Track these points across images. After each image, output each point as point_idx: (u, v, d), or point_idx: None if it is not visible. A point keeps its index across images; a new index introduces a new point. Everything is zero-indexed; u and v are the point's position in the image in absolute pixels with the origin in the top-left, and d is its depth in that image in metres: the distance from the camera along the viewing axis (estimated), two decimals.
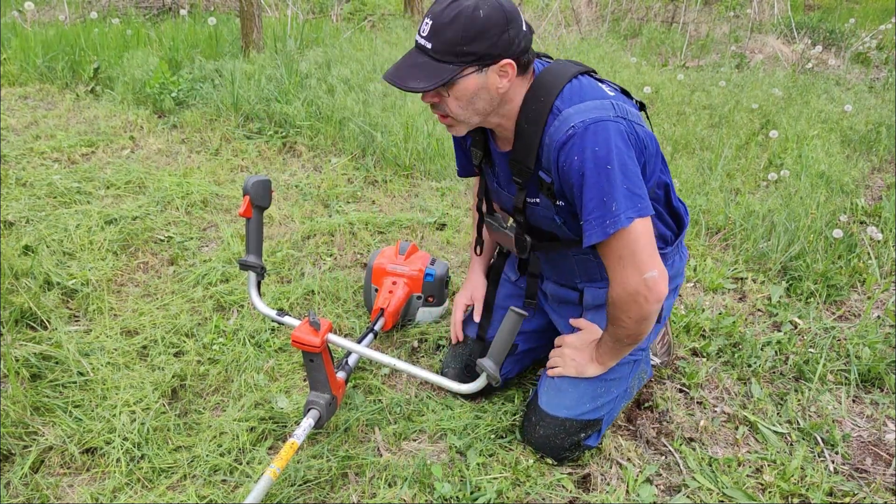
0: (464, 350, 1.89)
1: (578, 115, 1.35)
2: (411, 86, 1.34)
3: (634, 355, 1.69)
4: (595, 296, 1.70)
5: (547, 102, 1.40)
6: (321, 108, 3.80)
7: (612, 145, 1.33)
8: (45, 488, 1.51)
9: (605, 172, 1.33)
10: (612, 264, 1.42)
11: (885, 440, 1.81)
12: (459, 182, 3.27)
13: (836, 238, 2.64)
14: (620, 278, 1.42)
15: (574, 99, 1.39)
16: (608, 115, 1.36)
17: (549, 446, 1.63)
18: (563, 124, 1.36)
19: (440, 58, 1.33)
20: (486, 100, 1.40)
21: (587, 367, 1.63)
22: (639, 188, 1.37)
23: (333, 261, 2.57)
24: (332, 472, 1.59)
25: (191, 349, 1.99)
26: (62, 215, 2.71)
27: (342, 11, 6.92)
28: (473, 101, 1.40)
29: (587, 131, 1.34)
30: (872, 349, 2.10)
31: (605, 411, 1.65)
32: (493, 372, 1.39)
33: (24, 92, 4.36)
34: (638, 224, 1.36)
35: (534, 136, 1.42)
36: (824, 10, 8.65)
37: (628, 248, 1.38)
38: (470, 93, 1.38)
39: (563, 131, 1.36)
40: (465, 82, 1.36)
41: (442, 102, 1.41)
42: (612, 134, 1.34)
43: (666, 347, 2.00)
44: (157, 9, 6.68)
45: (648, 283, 1.39)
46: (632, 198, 1.35)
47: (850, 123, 4.12)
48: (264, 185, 1.64)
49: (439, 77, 1.33)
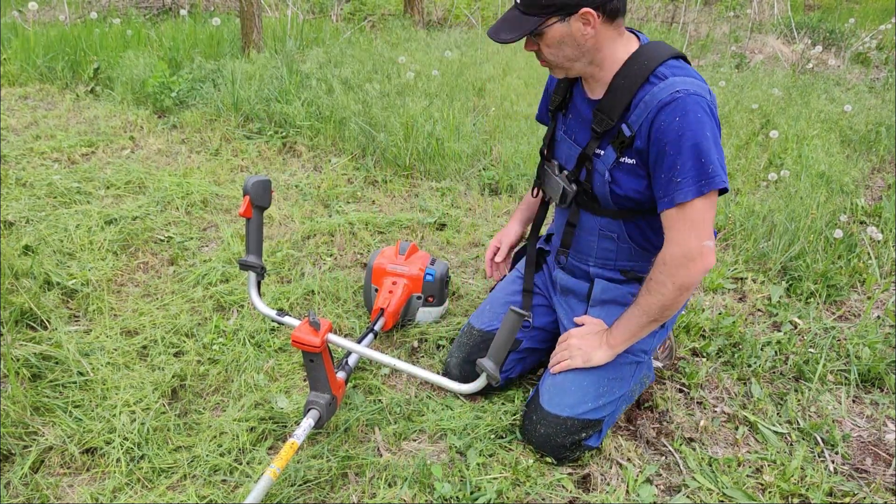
0: (468, 340, 1.89)
1: (684, 85, 1.47)
2: (501, 37, 1.52)
3: (637, 356, 1.69)
4: (604, 288, 1.72)
5: (650, 66, 1.51)
6: (321, 108, 3.80)
7: (710, 118, 1.47)
8: (45, 488, 1.51)
9: (705, 137, 1.44)
10: (680, 226, 1.50)
11: (885, 440, 1.81)
12: (459, 182, 3.27)
13: (836, 238, 2.64)
14: (682, 239, 1.49)
15: (679, 71, 1.51)
16: (706, 95, 1.48)
17: (550, 445, 1.63)
18: (668, 87, 1.47)
19: (526, 10, 1.50)
20: (573, 46, 1.52)
21: (595, 353, 1.65)
22: (723, 162, 1.48)
23: (333, 261, 2.57)
24: (332, 472, 1.59)
25: (191, 349, 1.99)
26: (62, 215, 2.71)
27: (342, 11, 6.92)
28: (561, 47, 1.53)
29: (690, 98, 1.45)
30: (872, 349, 2.10)
31: (606, 412, 1.65)
32: (493, 372, 1.39)
33: (24, 92, 4.36)
34: (715, 194, 1.48)
35: (628, 92, 1.52)
36: (824, 10, 8.64)
37: (705, 212, 1.48)
38: (557, 40, 1.52)
39: (667, 92, 1.46)
40: (550, 31, 1.51)
41: (538, 50, 1.57)
42: (708, 110, 1.47)
43: (668, 352, 2.00)
44: (157, 9, 6.68)
45: (704, 249, 1.49)
46: (723, 167, 1.47)
47: (850, 123, 4.12)
48: (264, 186, 1.64)
49: (524, 29, 1.50)
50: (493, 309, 1.92)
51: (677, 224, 1.50)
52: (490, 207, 3.05)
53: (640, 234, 1.66)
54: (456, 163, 3.36)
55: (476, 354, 1.84)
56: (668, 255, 1.52)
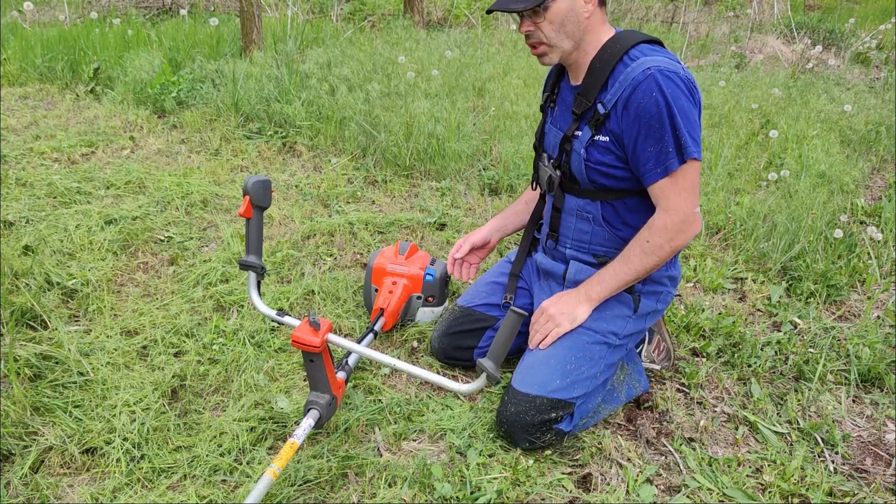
0: (450, 316, 1.98)
1: (654, 62, 1.53)
2: (513, 7, 1.54)
3: (605, 337, 1.70)
4: (578, 269, 1.78)
5: (623, 48, 1.58)
6: (321, 109, 3.80)
7: (683, 92, 1.53)
8: (45, 488, 1.51)
9: (677, 110, 1.51)
10: (672, 193, 1.57)
11: (885, 440, 1.81)
12: (459, 182, 3.27)
13: (837, 238, 2.64)
14: (677, 205, 1.57)
15: (651, 53, 1.57)
16: (679, 72, 1.54)
17: (520, 424, 1.63)
18: (640, 65, 1.53)
19: None
20: (575, 23, 1.58)
21: (577, 310, 1.70)
22: (698, 135, 1.56)
23: (333, 261, 2.57)
24: (332, 472, 1.59)
25: (191, 349, 1.99)
26: (62, 215, 2.71)
27: (342, 11, 6.92)
28: (565, 23, 1.58)
29: (661, 75, 1.51)
30: (872, 349, 2.10)
31: (576, 392, 1.65)
32: (494, 372, 1.39)
33: (24, 92, 4.36)
34: (696, 163, 1.56)
35: (604, 73, 1.59)
36: (824, 10, 8.64)
37: (690, 179, 1.57)
38: (562, 15, 1.56)
39: (639, 71, 1.53)
40: (556, 6, 1.55)
41: (537, 29, 1.59)
42: (681, 84, 1.53)
43: (665, 353, 2.01)
44: (157, 9, 6.68)
45: (696, 216, 1.60)
46: (696, 140, 1.55)
47: (849, 123, 4.12)
48: (264, 186, 1.64)
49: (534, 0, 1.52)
50: (475, 288, 2.01)
51: (672, 192, 1.57)
52: (490, 207, 3.05)
53: (615, 215, 1.71)
54: (456, 163, 3.36)
55: (454, 328, 1.94)
56: (669, 221, 1.59)
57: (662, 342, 2.01)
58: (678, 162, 1.53)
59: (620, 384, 1.81)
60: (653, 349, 1.99)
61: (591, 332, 1.69)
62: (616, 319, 1.72)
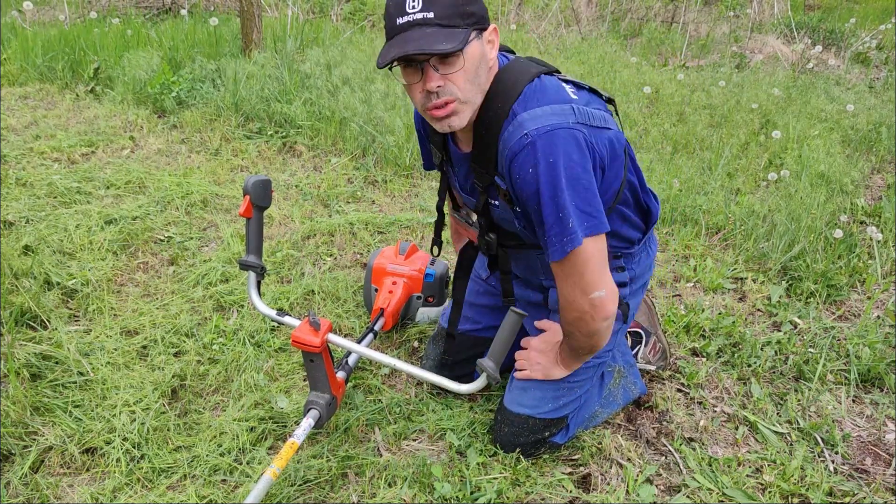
0: (442, 344, 1.89)
1: (533, 122, 1.28)
2: (439, 48, 1.21)
3: (599, 358, 1.66)
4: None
5: (505, 106, 1.32)
6: (321, 109, 3.80)
7: (565, 155, 1.27)
8: (45, 488, 1.51)
9: (560, 186, 1.27)
10: (560, 282, 1.41)
11: (885, 440, 1.81)
12: None
13: (836, 238, 2.64)
14: (568, 297, 1.41)
15: (532, 102, 1.31)
16: (566, 123, 1.29)
17: (515, 444, 1.65)
18: (517, 130, 1.29)
19: (448, 23, 1.23)
20: (485, 72, 1.32)
21: (553, 369, 1.62)
22: (591, 205, 1.32)
23: (333, 261, 2.57)
24: (332, 472, 1.59)
25: (191, 349, 1.99)
26: (62, 215, 2.71)
27: (342, 11, 6.92)
28: (478, 71, 1.30)
29: (540, 141, 1.27)
30: (872, 349, 2.10)
31: (568, 410, 1.65)
32: (493, 372, 1.39)
33: (24, 92, 4.36)
34: (588, 244, 1.32)
35: (492, 139, 1.35)
36: (824, 10, 8.64)
37: (577, 268, 1.35)
38: (476, 61, 1.28)
39: (516, 138, 1.29)
40: (471, 50, 1.26)
41: (448, 83, 1.28)
42: (566, 145, 1.28)
43: (660, 354, 2.00)
44: (157, 9, 6.68)
45: (595, 302, 1.38)
46: (582, 215, 1.31)
47: (850, 123, 4.12)
48: (264, 185, 1.64)
49: (459, 38, 1.22)
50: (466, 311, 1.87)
51: (558, 280, 1.41)
52: None
53: None
54: None
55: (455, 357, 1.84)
56: (562, 309, 1.45)
57: (658, 343, 2.01)
58: (556, 254, 1.32)
59: (616, 388, 1.81)
60: (648, 350, 1.99)
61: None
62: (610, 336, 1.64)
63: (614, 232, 1.49)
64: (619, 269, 1.61)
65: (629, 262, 1.62)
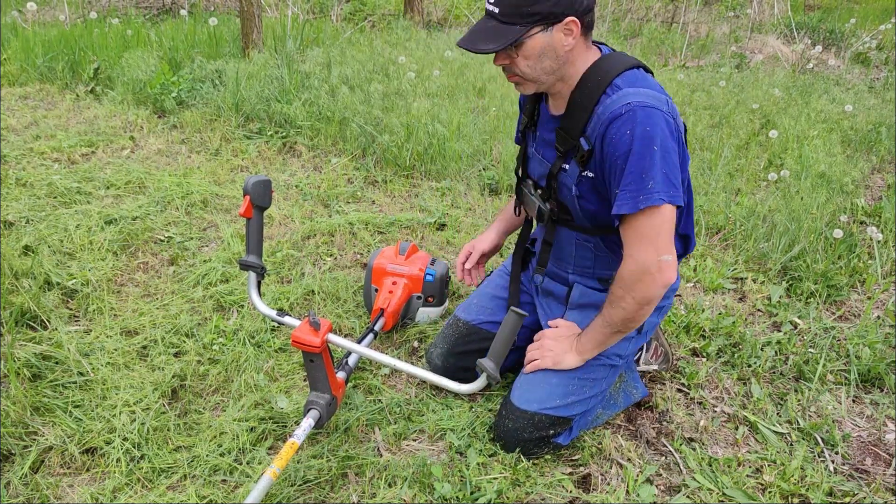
0: (453, 332, 1.90)
1: (637, 97, 1.42)
2: (481, 48, 1.44)
3: (611, 359, 1.67)
4: (582, 293, 1.72)
5: (606, 79, 1.47)
6: (321, 109, 3.80)
7: (662, 130, 1.40)
8: (45, 488, 1.51)
9: (651, 152, 1.39)
10: (632, 240, 1.47)
11: (885, 440, 1.81)
12: (459, 182, 3.27)
13: (836, 238, 2.64)
14: (637, 254, 1.46)
15: (634, 83, 1.46)
16: (661, 107, 1.43)
17: (517, 440, 1.63)
18: (621, 99, 1.42)
19: (507, 20, 1.42)
20: (553, 58, 1.47)
21: (565, 356, 1.65)
22: (675, 177, 1.43)
23: (333, 261, 2.57)
24: (332, 472, 1.59)
25: (191, 349, 1.99)
26: (62, 215, 2.71)
27: (342, 11, 6.92)
28: (541, 59, 1.47)
29: (642, 111, 1.40)
30: (872, 349, 2.10)
31: (576, 410, 1.64)
32: (494, 372, 1.39)
33: (24, 92, 4.36)
34: (667, 208, 1.42)
35: (587, 107, 1.48)
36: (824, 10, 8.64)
37: (654, 227, 1.43)
38: (537, 52, 1.45)
39: (619, 104, 1.42)
40: (531, 42, 1.44)
41: (512, 63, 1.49)
42: (662, 122, 1.41)
43: (661, 357, 2.01)
44: (157, 9, 6.69)
45: (662, 264, 1.45)
46: (668, 182, 1.41)
47: (850, 123, 4.12)
48: (264, 185, 1.64)
49: (506, 39, 1.42)
50: (479, 302, 1.93)
51: (630, 237, 1.47)
52: (490, 207, 3.05)
53: (618, 246, 1.60)
54: (456, 163, 3.36)
55: (460, 346, 1.85)
56: (626, 269, 1.49)
57: (660, 347, 2.01)
58: (627, 207, 1.42)
59: (617, 391, 1.81)
60: (650, 356, 2.00)
61: (598, 356, 1.66)
62: (622, 342, 1.67)
63: None
64: None
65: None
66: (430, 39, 5.72)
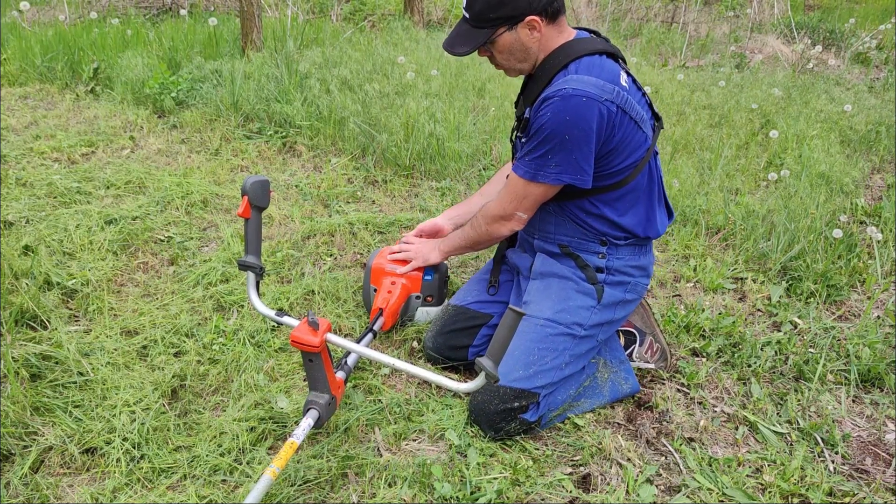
0: (444, 315, 2.01)
1: (577, 83, 1.57)
2: (457, 51, 1.68)
3: (571, 329, 1.75)
4: (543, 262, 1.86)
5: (562, 62, 1.64)
6: (321, 109, 3.80)
7: (584, 120, 1.56)
8: (45, 488, 1.51)
9: (562, 139, 1.58)
10: (509, 192, 1.74)
11: (885, 440, 1.81)
12: (459, 182, 3.27)
13: (836, 238, 2.64)
14: (504, 200, 1.75)
15: (585, 70, 1.60)
16: (600, 97, 1.56)
17: (485, 412, 1.68)
18: (564, 83, 1.58)
19: (476, 24, 1.65)
20: (522, 51, 1.67)
21: (430, 254, 2.05)
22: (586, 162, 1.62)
23: (333, 261, 2.57)
24: (332, 472, 1.59)
25: (191, 349, 1.99)
26: (62, 215, 2.71)
27: (342, 11, 6.93)
28: (513, 52, 1.68)
29: (573, 100, 1.55)
30: (872, 349, 2.10)
31: (538, 382, 1.68)
32: (492, 370, 1.38)
33: (24, 92, 4.36)
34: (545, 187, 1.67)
35: (540, 84, 1.67)
36: (824, 10, 8.64)
37: (531, 194, 1.70)
38: (507, 48, 1.67)
39: (557, 87, 1.59)
40: (501, 40, 1.66)
41: (491, 57, 1.73)
42: (592, 111, 1.55)
43: (658, 354, 2.01)
44: (156, 9, 6.69)
45: (515, 217, 1.76)
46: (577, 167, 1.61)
47: (850, 123, 4.12)
48: (263, 186, 1.64)
49: (476, 42, 1.66)
50: (468, 287, 2.07)
51: (509, 189, 1.74)
52: None
53: (579, 210, 1.75)
54: (456, 163, 3.36)
55: (448, 326, 1.97)
56: (491, 207, 1.79)
57: (656, 343, 2.02)
58: (521, 171, 1.68)
59: (604, 381, 1.84)
60: (644, 350, 2.00)
61: (555, 324, 1.74)
62: (580, 311, 1.75)
63: (608, 218, 1.73)
64: (600, 255, 1.79)
65: (611, 251, 1.79)
66: (430, 39, 5.72)
